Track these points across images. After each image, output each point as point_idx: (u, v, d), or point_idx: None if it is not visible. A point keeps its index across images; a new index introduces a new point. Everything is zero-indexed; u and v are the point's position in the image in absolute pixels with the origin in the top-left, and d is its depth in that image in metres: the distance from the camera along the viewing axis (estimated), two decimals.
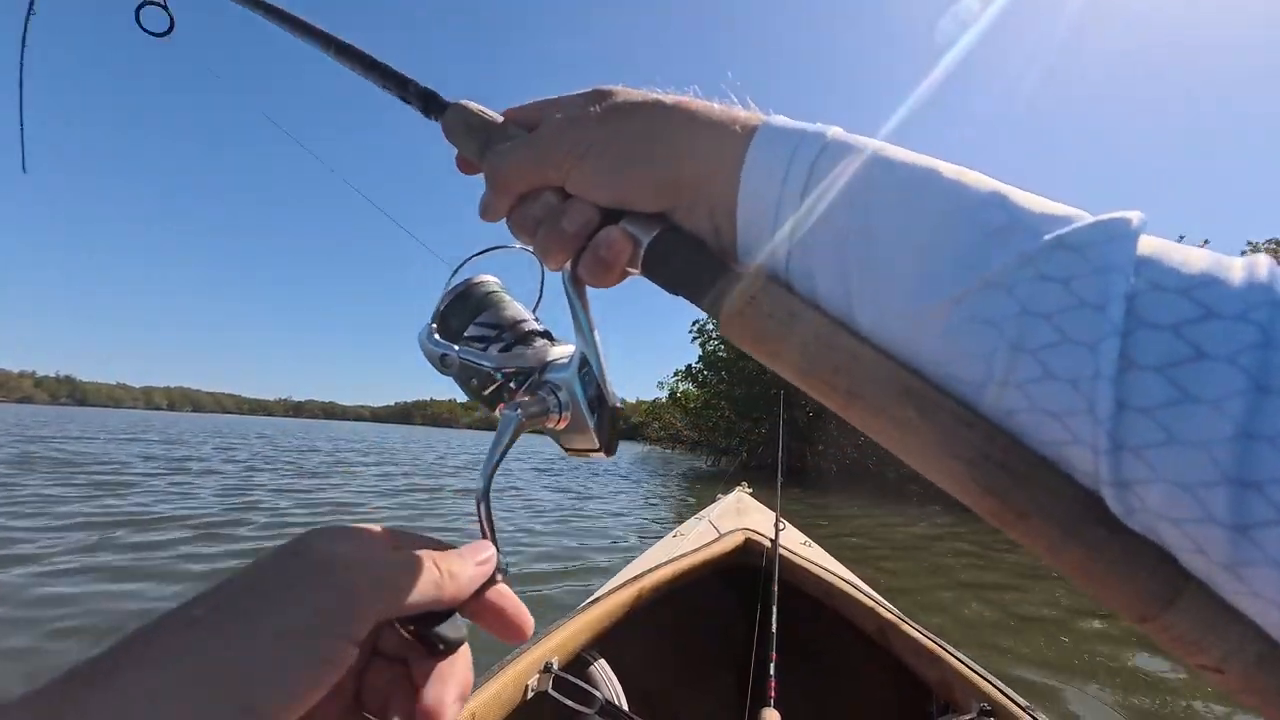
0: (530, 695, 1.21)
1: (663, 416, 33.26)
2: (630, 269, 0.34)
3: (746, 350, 0.30)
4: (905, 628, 1.56)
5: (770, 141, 0.29)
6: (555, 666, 1.25)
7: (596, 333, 0.38)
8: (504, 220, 0.37)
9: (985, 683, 1.32)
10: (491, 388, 0.41)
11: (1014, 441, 0.23)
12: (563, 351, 0.41)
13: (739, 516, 2.65)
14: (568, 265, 0.35)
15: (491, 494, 0.33)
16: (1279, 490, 0.17)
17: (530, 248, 0.37)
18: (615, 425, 0.39)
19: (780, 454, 3.23)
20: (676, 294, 0.32)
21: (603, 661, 1.45)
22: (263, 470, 12.18)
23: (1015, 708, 1.25)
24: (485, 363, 0.41)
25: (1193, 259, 0.21)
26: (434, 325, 0.44)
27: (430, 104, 0.41)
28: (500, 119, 0.38)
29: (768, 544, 2.05)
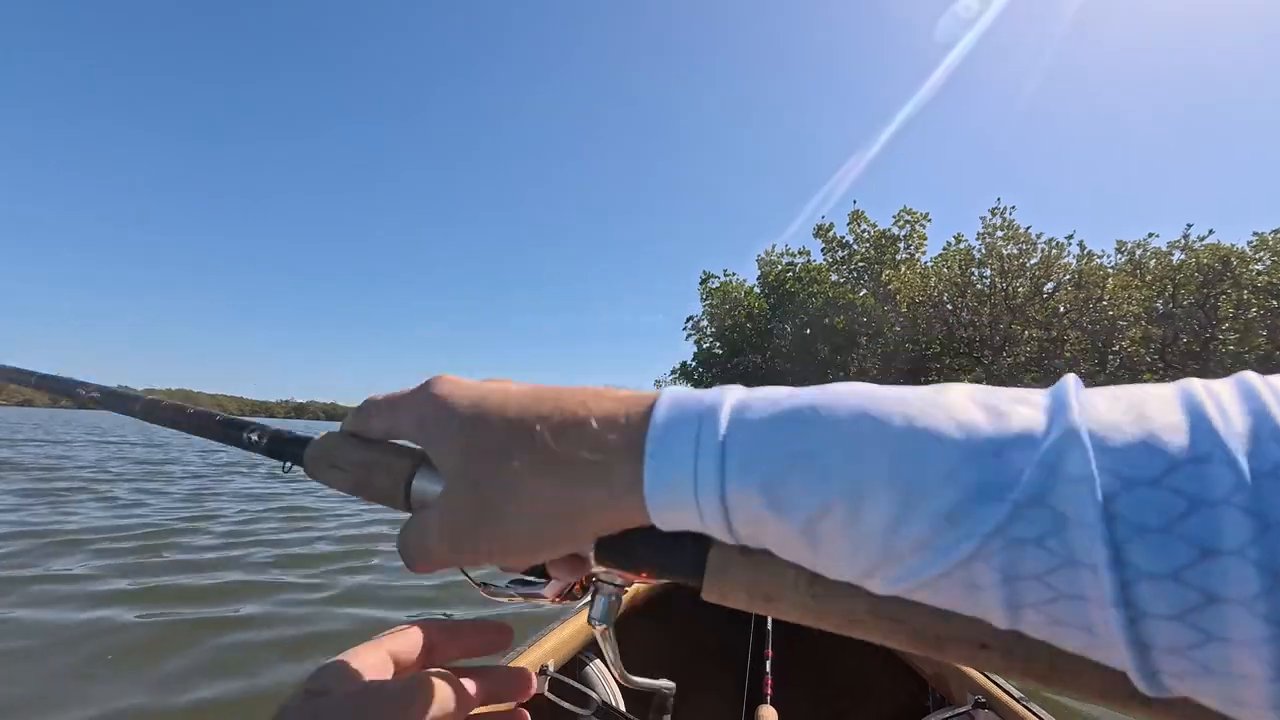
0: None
1: None
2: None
3: (743, 609, 0.27)
4: None
5: (670, 420, 0.24)
6: (551, 669, 1.26)
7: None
8: None
9: (980, 675, 1.33)
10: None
11: (1030, 645, 0.22)
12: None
13: None
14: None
15: None
16: None
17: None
18: None
19: None
20: (637, 573, 0.30)
21: (598, 662, 1.45)
22: (239, 475, 11.86)
23: (1009, 699, 1.25)
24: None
25: (1129, 430, 0.20)
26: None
27: (281, 445, 0.38)
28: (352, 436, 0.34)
29: None
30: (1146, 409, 0.21)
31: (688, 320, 27.31)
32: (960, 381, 0.23)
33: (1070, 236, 20.89)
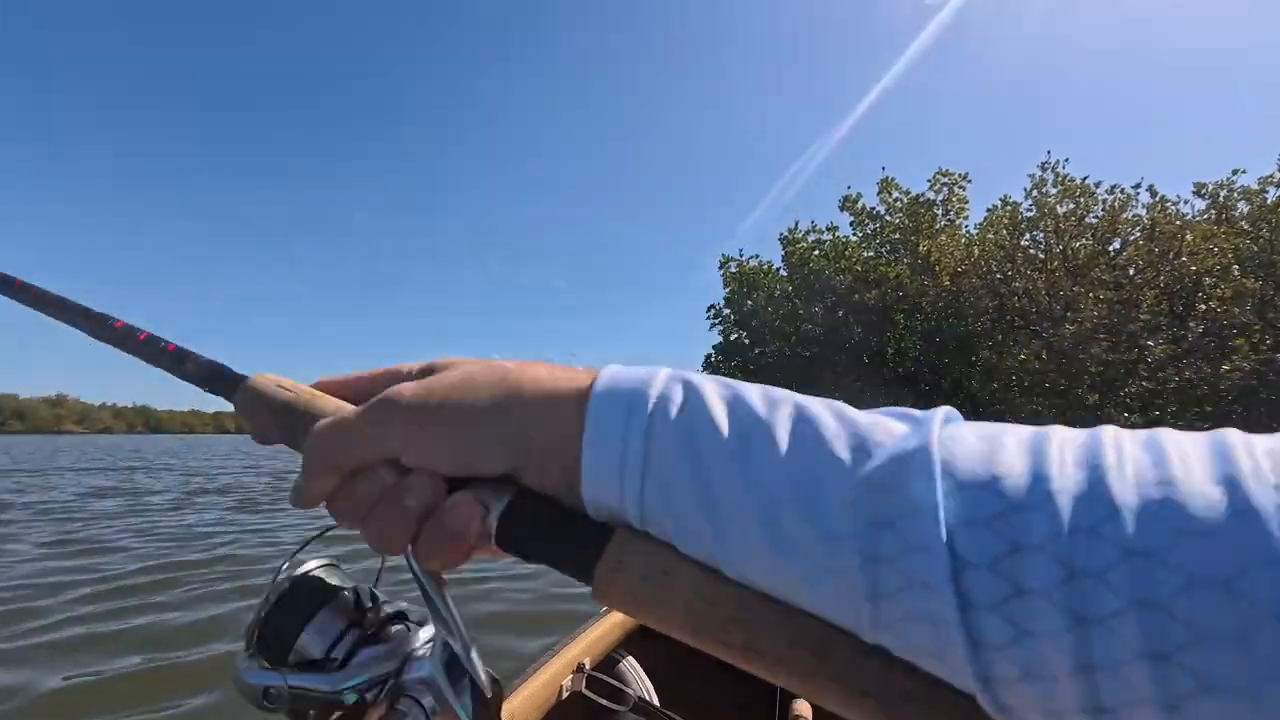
0: (565, 695, 1.26)
1: None
2: (481, 545, 0.31)
3: (630, 616, 0.29)
4: None
5: (604, 408, 0.29)
6: (587, 666, 1.27)
7: (455, 611, 0.33)
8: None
9: None
10: (339, 714, 0.34)
11: (909, 669, 0.24)
12: (422, 636, 0.36)
13: None
14: (409, 548, 0.32)
15: None
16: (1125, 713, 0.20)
17: (356, 531, 0.32)
18: (494, 716, 0.34)
19: None
20: (539, 563, 0.30)
21: (631, 659, 1.48)
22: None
23: None
24: (324, 686, 0.34)
25: (978, 453, 0.24)
26: (250, 650, 0.36)
27: (217, 380, 0.37)
28: (310, 391, 0.36)
29: None
30: (1000, 454, 0.24)
31: (709, 309, 25.39)
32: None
33: (1138, 185, 18.23)
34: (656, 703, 1.31)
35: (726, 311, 24.72)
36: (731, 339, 24.90)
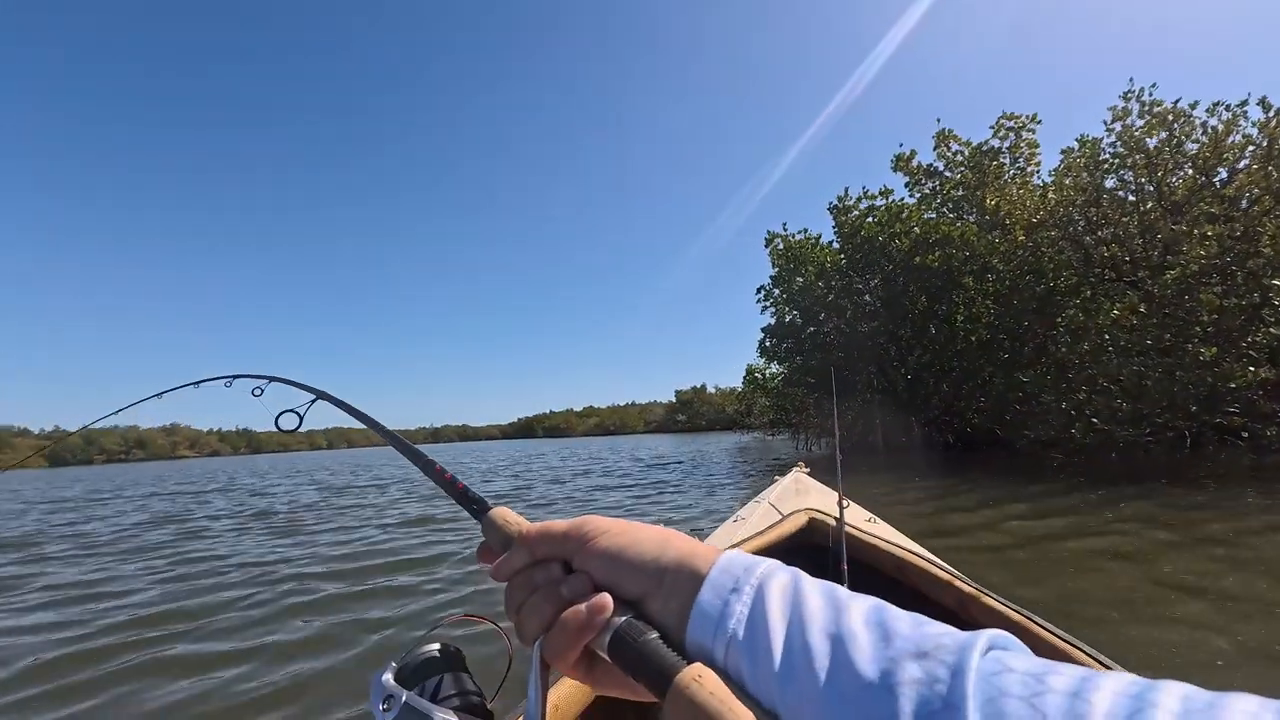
0: (593, 698, 1.29)
1: (747, 401, 30.42)
2: (596, 650, 0.41)
3: None
4: (987, 600, 1.56)
5: (723, 574, 0.38)
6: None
7: (544, 709, 0.42)
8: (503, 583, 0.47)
9: (1083, 654, 1.26)
10: None
11: None
12: None
13: (799, 497, 2.61)
14: (539, 643, 0.42)
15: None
16: None
17: (499, 624, 0.50)
18: None
19: (834, 428, 3.09)
20: (635, 677, 0.38)
21: None
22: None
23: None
24: (426, 711, 0.47)
25: (1024, 688, 0.26)
26: (394, 667, 0.52)
27: (478, 506, 0.54)
28: (526, 524, 0.50)
29: (833, 522, 2.07)
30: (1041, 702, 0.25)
31: (759, 290, 24.06)
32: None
33: (1244, 101, 15.65)
34: None
35: (776, 291, 23.31)
36: (784, 320, 23.47)
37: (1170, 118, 16.19)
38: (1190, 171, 15.87)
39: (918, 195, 21.49)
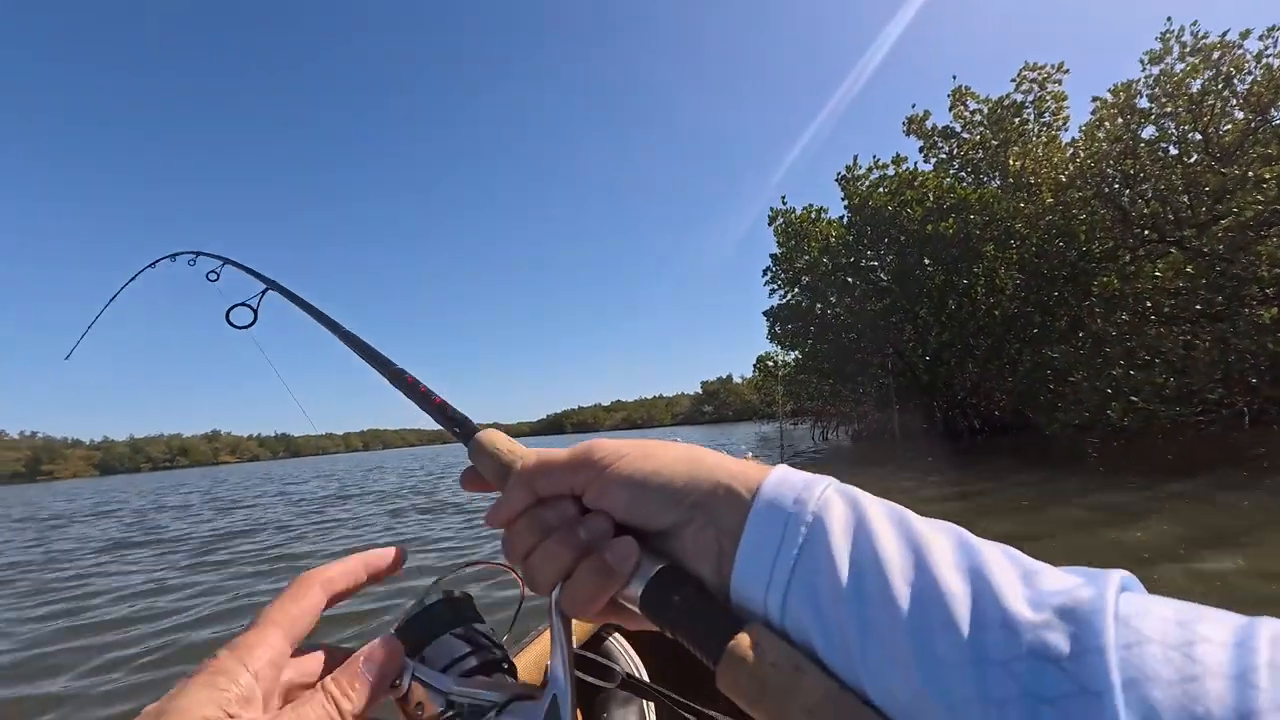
0: None
1: (763, 391, 29.02)
2: (623, 602, 0.35)
3: (744, 707, 0.29)
4: None
5: (765, 516, 0.31)
6: (574, 646, 1.28)
7: (571, 665, 0.37)
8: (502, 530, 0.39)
9: None
10: (437, 713, 0.40)
11: None
12: (525, 691, 0.40)
13: None
14: (557, 590, 0.36)
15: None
16: None
17: (515, 568, 0.39)
18: None
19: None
20: (675, 636, 0.33)
21: (618, 635, 1.46)
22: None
23: None
24: (437, 684, 0.39)
25: (1171, 635, 0.22)
26: (395, 631, 0.43)
27: (463, 428, 0.47)
28: (521, 448, 0.43)
29: None
30: (1195, 652, 0.22)
31: (765, 271, 22.58)
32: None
33: None
34: (645, 678, 1.29)
35: (778, 271, 21.80)
36: (789, 301, 21.95)
37: (1217, 54, 14.30)
38: (1241, 115, 13.99)
39: (933, 160, 19.81)
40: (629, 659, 1.39)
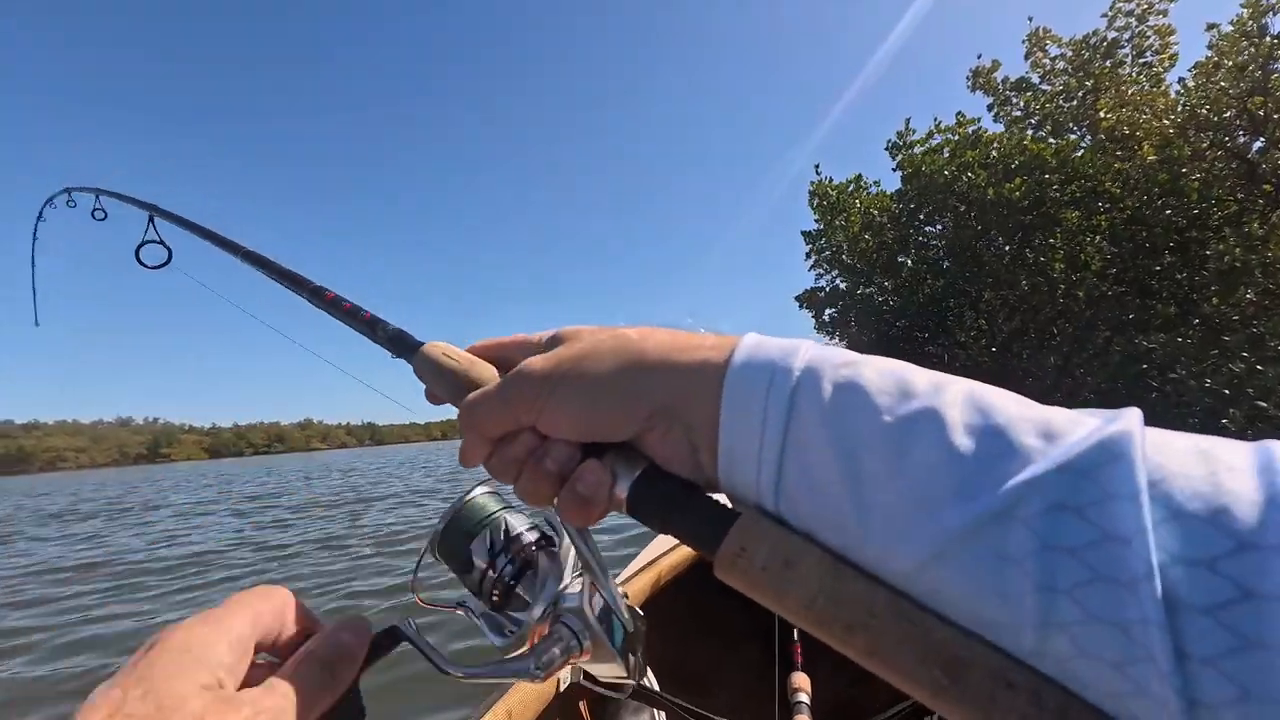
0: (564, 687, 1.29)
1: None
2: (612, 508, 0.34)
3: (753, 598, 0.28)
4: None
5: (744, 378, 0.29)
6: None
7: (598, 555, 0.37)
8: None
9: None
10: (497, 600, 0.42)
11: (1066, 695, 0.21)
12: (567, 569, 0.42)
13: None
14: (556, 502, 0.35)
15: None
16: None
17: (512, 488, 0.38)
18: (638, 650, 0.39)
19: None
20: (665, 533, 0.33)
21: None
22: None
23: None
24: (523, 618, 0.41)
25: (1194, 468, 0.21)
26: (436, 541, 0.44)
27: (400, 345, 0.44)
28: (468, 358, 0.41)
29: None
30: (1222, 474, 0.20)
31: (808, 252, 20.20)
32: None
33: None
34: (656, 687, 1.27)
35: (808, 248, 19.36)
36: (829, 286, 19.47)
37: None
38: None
39: (1004, 120, 16.91)
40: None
